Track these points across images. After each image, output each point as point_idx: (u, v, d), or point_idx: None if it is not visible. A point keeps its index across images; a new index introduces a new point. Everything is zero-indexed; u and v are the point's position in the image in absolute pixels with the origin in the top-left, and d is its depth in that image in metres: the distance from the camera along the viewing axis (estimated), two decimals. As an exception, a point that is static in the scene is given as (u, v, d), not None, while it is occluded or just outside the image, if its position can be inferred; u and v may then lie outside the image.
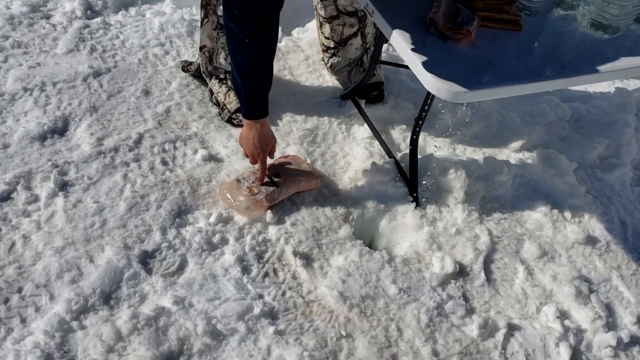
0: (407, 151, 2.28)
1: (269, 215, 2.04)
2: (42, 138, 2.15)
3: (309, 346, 1.71)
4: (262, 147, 1.98)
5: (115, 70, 2.54)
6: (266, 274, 1.90)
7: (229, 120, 2.38)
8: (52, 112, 2.27)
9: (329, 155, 2.38)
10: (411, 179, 2.24)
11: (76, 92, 2.37)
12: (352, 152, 2.42)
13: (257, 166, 2.08)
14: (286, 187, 2.11)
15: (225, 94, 2.39)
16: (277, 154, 2.31)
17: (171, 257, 1.86)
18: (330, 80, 2.78)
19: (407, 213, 2.21)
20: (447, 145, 2.55)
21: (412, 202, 2.23)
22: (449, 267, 2.01)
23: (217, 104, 2.44)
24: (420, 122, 2.12)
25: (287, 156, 2.24)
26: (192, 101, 2.47)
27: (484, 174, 2.40)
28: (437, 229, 2.18)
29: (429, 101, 2.05)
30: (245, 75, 1.82)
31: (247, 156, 2.04)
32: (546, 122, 2.79)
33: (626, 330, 1.96)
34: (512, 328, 1.91)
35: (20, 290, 1.68)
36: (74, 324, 1.62)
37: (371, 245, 2.24)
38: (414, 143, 2.19)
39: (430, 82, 1.65)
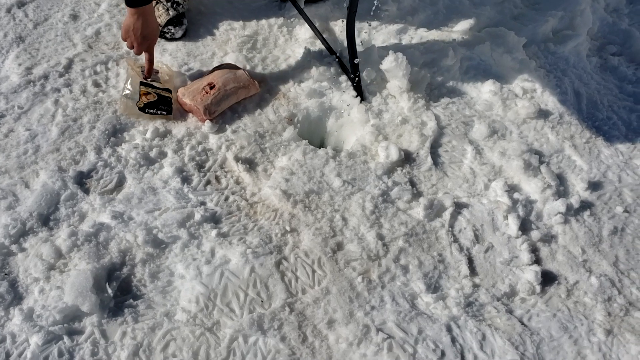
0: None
1: (207, 125, 2.01)
2: (-31, 74, 2.10)
3: (252, 244, 1.72)
4: (150, 36, 1.96)
5: (41, -2, 2.45)
6: (208, 182, 1.88)
7: (161, 35, 2.30)
8: (-23, 47, 2.20)
9: (270, 60, 2.31)
10: (353, 73, 2.18)
11: (0, 25, 2.29)
12: (294, 54, 2.35)
13: (200, 82, 2.06)
14: (224, 97, 2.06)
15: (154, 7, 2.29)
16: (214, 63, 2.25)
17: (108, 176, 1.84)
18: (269, -16, 2.67)
19: (352, 108, 2.17)
20: (393, 36, 2.47)
21: (356, 96, 2.19)
22: (394, 155, 1.99)
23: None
24: (352, 9, 2.04)
25: (221, 65, 2.17)
26: (122, 20, 2.37)
27: (430, 60, 2.34)
28: (383, 120, 2.14)
29: (356, -14, 1.96)
30: None
31: (131, 47, 2.00)
32: (497, 1, 2.68)
33: (576, 197, 1.95)
34: (459, 206, 1.90)
35: (-44, 222, 1.69)
36: (14, 247, 1.63)
37: (321, 146, 2.22)
38: (349, 32, 2.11)
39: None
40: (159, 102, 2.00)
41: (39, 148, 1.87)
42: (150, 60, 2.02)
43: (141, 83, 2.01)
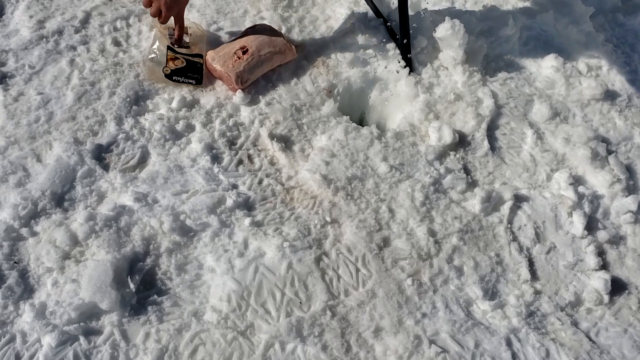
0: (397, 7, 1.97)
1: (239, 95, 1.79)
2: (-26, 26, 1.88)
3: (289, 236, 1.53)
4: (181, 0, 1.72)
5: (55, -59, 2.19)
6: (240, 162, 1.68)
7: (188, -12, 2.06)
8: (-17, -6, 1.97)
9: (308, 21, 2.07)
10: (402, 40, 1.94)
11: (9, -31, 2.05)
12: (334, 14, 2.11)
13: (231, 45, 1.84)
14: (258, 64, 1.83)
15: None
16: (246, 23, 2.02)
17: (130, 150, 1.65)
18: None
19: (399, 80, 1.95)
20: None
21: (405, 67, 1.96)
22: (447, 138, 1.78)
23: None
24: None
25: (255, 26, 1.94)
26: (145, -31, 2.13)
27: (487, 29, 2.09)
28: (434, 95, 1.92)
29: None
30: None
31: (156, 15, 1.71)
32: (561, -37, 2.40)
33: (648, 193, 1.75)
34: (519, 199, 1.70)
35: (-40, 198, 1.51)
36: (24, 230, 1.45)
37: (362, 121, 2.01)
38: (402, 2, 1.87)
39: None
40: (187, 69, 1.78)
41: (52, 115, 1.67)
42: (181, 26, 1.79)
43: (169, 47, 1.79)
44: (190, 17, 2.00)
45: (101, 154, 1.62)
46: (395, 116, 1.95)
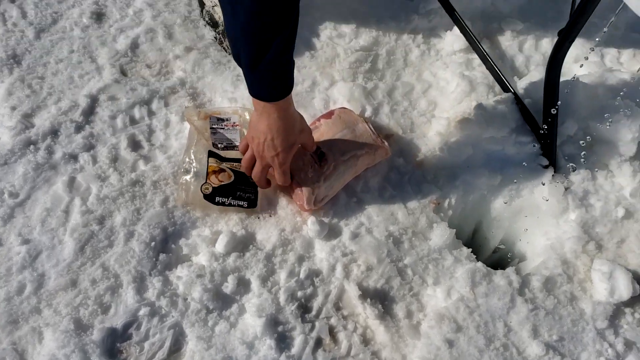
0: (537, 76, 1.37)
1: (313, 227, 1.22)
2: (-63, 123, 1.33)
3: None
4: (284, 145, 1.12)
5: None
6: (318, 343, 1.12)
7: (233, 54, 1.47)
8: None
9: (399, 93, 1.47)
10: (547, 129, 1.33)
11: (-11, 34, 1.49)
12: (437, 82, 1.50)
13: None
14: (340, 174, 1.26)
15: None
16: (317, 102, 1.43)
17: (157, 333, 1.10)
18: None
19: (538, 186, 1.35)
20: (597, 60, 1.57)
21: (547, 166, 1.35)
22: (624, 292, 1.19)
23: (213, 23, 1.52)
24: (569, 37, 1.17)
25: (332, 113, 1.35)
26: (171, 22, 1.54)
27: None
28: (592, 211, 1.32)
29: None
30: (252, 21, 0.92)
31: (264, 172, 1.21)
32: None
33: None
34: None
35: None
36: None
37: (473, 237, 1.44)
38: (554, 67, 1.25)
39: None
40: (236, 184, 1.23)
41: (43, 280, 1.13)
42: (286, 178, 1.20)
43: (210, 153, 1.24)
44: (237, 94, 1.41)
45: (115, 346, 1.08)
46: (531, 238, 1.36)
